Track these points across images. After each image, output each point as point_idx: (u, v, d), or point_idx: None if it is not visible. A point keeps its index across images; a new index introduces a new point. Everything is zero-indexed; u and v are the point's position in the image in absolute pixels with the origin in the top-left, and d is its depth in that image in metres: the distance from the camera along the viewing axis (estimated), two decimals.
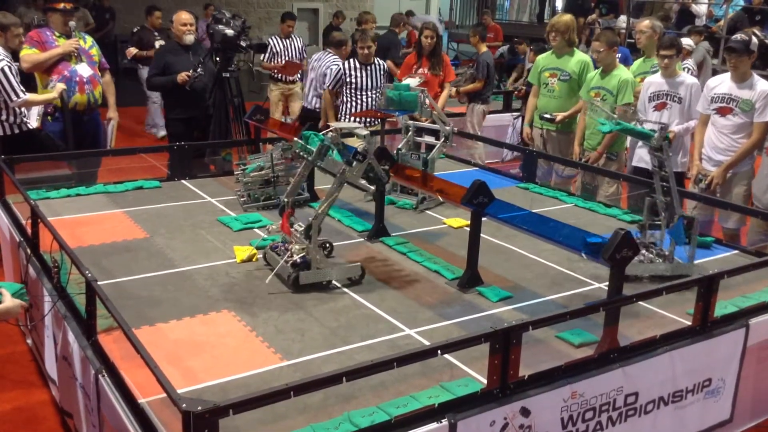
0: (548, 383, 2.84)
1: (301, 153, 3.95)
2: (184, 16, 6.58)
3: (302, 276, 3.65)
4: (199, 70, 6.23)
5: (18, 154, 5.11)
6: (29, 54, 5.80)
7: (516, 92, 9.26)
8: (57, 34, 5.95)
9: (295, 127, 5.47)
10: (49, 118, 5.91)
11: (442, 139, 5.12)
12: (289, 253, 3.71)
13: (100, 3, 15.71)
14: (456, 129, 5.36)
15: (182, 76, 6.24)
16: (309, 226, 3.70)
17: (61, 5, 5.93)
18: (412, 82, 5.06)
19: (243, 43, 6.19)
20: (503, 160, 9.05)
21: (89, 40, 6.22)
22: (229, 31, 6.08)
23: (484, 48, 8.64)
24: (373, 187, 4.24)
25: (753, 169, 5.35)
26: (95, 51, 6.20)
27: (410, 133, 5.18)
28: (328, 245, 3.90)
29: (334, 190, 3.75)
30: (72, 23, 5.98)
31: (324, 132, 3.85)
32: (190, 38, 6.45)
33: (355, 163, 3.71)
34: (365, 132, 3.84)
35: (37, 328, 4.00)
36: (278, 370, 2.94)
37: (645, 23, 6.68)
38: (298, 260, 3.67)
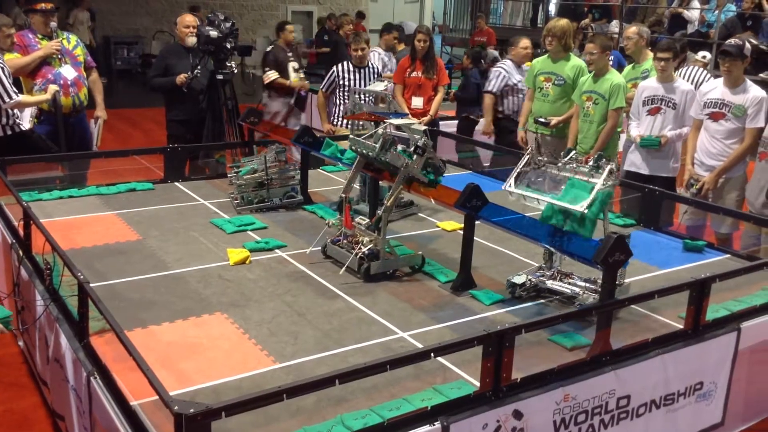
0: (541, 386, 2.85)
1: (358, 149, 4.05)
2: (188, 18, 6.58)
3: (373, 266, 3.82)
4: (196, 71, 6.23)
5: (10, 156, 5.09)
6: (10, 59, 5.75)
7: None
8: (40, 36, 5.90)
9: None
10: (35, 120, 5.87)
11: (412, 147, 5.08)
12: (359, 245, 3.89)
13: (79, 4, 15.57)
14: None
15: (180, 78, 6.25)
16: (378, 219, 3.88)
17: (41, 6, 5.87)
18: (379, 85, 5.02)
19: (228, 45, 6.17)
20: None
21: (73, 39, 6.15)
22: (213, 33, 6.05)
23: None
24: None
25: (746, 174, 5.37)
26: (80, 51, 6.13)
27: (381, 140, 5.07)
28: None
29: (399, 183, 3.88)
30: (53, 24, 5.92)
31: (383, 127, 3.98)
32: (192, 40, 6.45)
33: (415, 156, 3.81)
34: (423, 127, 3.90)
35: (28, 331, 3.98)
36: (271, 372, 2.94)
37: (632, 29, 6.71)
38: (366, 252, 3.84)
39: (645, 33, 6.66)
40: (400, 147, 3.96)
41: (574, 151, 3.82)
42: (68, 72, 5.90)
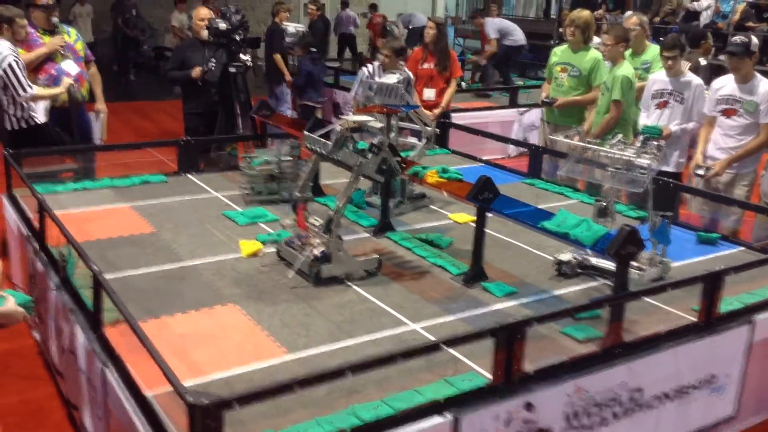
0: (553, 379, 2.85)
1: (313, 147, 3.96)
2: (203, 11, 6.61)
3: (324, 269, 3.68)
4: (210, 64, 6.25)
5: (26, 149, 5.13)
6: None
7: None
8: (41, 30, 5.91)
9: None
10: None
11: (424, 140, 5.07)
12: (310, 247, 3.74)
13: None
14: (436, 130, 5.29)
15: (196, 71, 6.27)
16: (329, 220, 3.73)
17: (43, 1, 5.89)
18: (391, 78, 5.01)
19: (237, 37, 6.18)
20: (508, 156, 9.03)
21: (73, 33, 6.15)
22: (223, 25, 6.07)
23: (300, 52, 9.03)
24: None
25: (756, 172, 5.36)
26: (80, 45, 6.14)
27: (393, 134, 5.05)
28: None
29: (353, 183, 3.77)
30: (54, 19, 5.94)
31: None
32: (207, 33, 6.47)
33: (370, 155, 3.71)
34: (379, 125, 3.82)
35: (43, 322, 4.02)
36: (283, 364, 2.95)
37: (632, 20, 6.69)
38: (318, 254, 3.70)
39: (645, 23, 6.64)
40: (357, 144, 3.83)
41: (620, 134, 4.02)
42: (70, 67, 5.90)
